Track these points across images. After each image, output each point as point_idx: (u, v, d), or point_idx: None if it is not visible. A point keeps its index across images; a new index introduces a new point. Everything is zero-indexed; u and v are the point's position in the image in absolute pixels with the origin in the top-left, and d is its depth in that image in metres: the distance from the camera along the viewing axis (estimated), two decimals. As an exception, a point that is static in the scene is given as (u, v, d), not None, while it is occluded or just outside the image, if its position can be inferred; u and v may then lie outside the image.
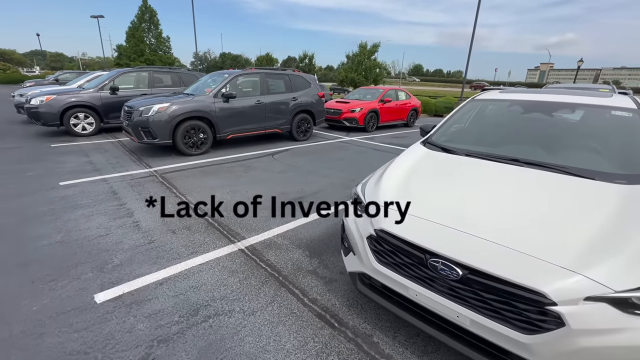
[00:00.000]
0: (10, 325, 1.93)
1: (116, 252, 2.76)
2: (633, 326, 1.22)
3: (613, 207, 1.65)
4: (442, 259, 1.54)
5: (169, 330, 1.94)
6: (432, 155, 2.54)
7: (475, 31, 18.15)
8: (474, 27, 18.16)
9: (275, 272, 2.57)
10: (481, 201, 1.85)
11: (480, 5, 17.78)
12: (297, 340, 1.90)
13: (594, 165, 2.09)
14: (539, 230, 1.55)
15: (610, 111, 2.52)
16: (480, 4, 17.28)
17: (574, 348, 1.26)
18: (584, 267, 1.32)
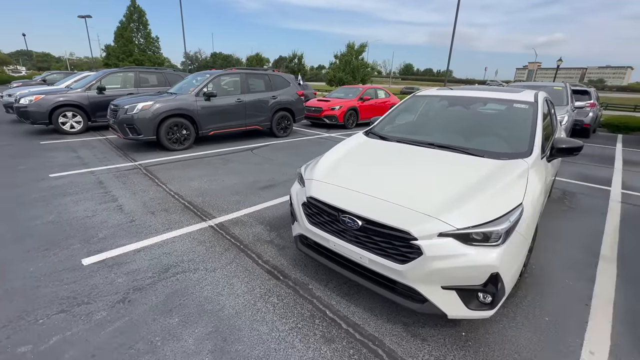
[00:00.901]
0: (11, 281, 2.36)
1: (101, 229, 3.20)
2: (468, 252, 1.73)
3: (482, 175, 2.15)
4: (348, 214, 2.03)
5: (143, 282, 2.39)
6: (368, 141, 3.04)
7: (455, 31, 18.83)
8: (453, 27, 18.85)
9: (238, 242, 3.04)
10: (390, 173, 2.34)
11: (459, 5, 18.48)
12: (246, 287, 2.37)
13: (487, 146, 2.61)
14: (420, 191, 2.05)
15: (513, 104, 3.05)
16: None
17: (429, 270, 1.76)
18: (439, 213, 1.82)
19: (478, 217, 1.80)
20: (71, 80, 10.03)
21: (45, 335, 1.88)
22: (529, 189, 2.05)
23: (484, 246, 1.74)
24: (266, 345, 1.87)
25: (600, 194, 4.76)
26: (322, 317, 2.11)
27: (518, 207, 1.88)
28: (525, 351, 1.89)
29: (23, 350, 1.77)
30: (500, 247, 1.74)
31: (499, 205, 1.87)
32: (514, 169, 2.22)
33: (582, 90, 10.73)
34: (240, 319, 2.06)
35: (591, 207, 4.19)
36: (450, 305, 1.82)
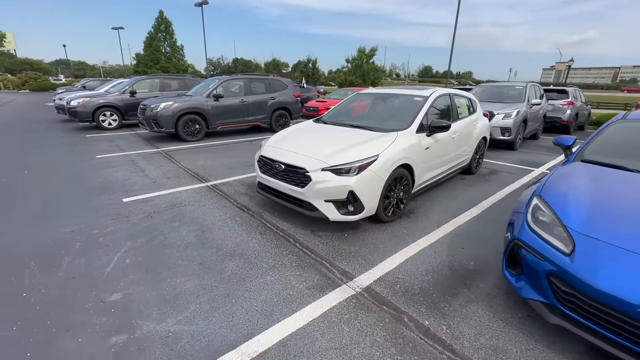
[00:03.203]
0: (80, 208, 3.88)
1: (133, 185, 4.71)
2: (337, 178, 3.03)
3: (363, 140, 3.44)
4: (277, 162, 3.39)
5: (159, 209, 3.85)
6: (311, 124, 4.40)
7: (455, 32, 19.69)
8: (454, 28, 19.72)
9: (222, 193, 4.46)
10: (310, 140, 3.69)
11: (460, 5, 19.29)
12: (221, 213, 3.77)
13: (381, 125, 3.88)
14: (320, 148, 3.36)
15: (413, 98, 4.30)
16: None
17: (315, 189, 3.08)
18: (324, 158, 3.14)
19: (345, 159, 3.11)
20: (109, 85, 11.97)
21: (105, 225, 3.36)
22: (390, 148, 3.32)
23: (346, 175, 3.05)
24: (224, 234, 3.25)
25: (521, 173, 5.84)
26: (264, 226, 3.47)
27: (373, 156, 3.17)
28: (380, 243, 3.15)
29: (95, 233, 3.25)
30: (355, 176, 3.04)
31: (360, 154, 3.17)
32: (386, 137, 3.50)
33: (560, 90, 11.52)
34: (214, 225, 3.46)
35: (502, 180, 5.31)
36: (330, 212, 3.13)
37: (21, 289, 2.36)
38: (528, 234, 2.09)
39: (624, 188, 2.30)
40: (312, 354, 1.85)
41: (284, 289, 2.42)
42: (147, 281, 2.48)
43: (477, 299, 2.37)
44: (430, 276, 2.63)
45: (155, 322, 2.07)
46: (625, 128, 3.00)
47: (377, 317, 2.16)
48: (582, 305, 1.75)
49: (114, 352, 1.83)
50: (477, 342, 1.96)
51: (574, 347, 1.93)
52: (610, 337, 1.66)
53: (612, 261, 1.69)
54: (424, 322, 2.12)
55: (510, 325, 2.11)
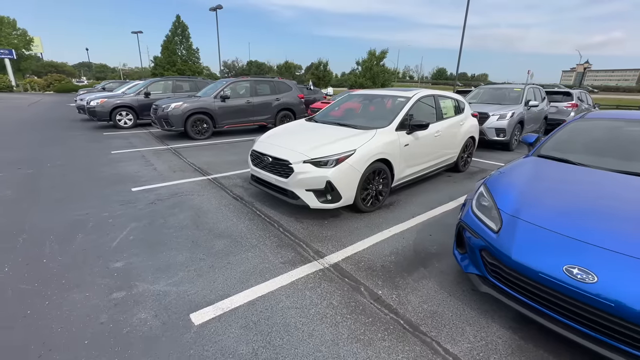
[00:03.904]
0: (94, 195, 4.37)
1: (142, 177, 5.19)
2: (316, 170, 3.38)
3: (345, 136, 3.78)
4: (266, 156, 3.77)
5: (163, 197, 4.29)
6: (303, 122, 4.77)
7: (464, 33, 19.71)
8: (463, 29, 19.75)
9: (221, 185, 4.88)
10: (298, 136, 4.05)
11: (469, 6, 19.30)
12: (217, 202, 4.18)
13: (365, 123, 4.21)
14: (305, 143, 3.72)
15: (397, 98, 4.60)
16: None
17: (297, 180, 3.44)
18: (306, 152, 3.50)
19: (324, 153, 3.45)
20: (125, 87, 12.69)
21: (115, 209, 3.82)
22: (367, 144, 3.65)
23: (324, 167, 3.40)
24: (217, 219, 3.65)
25: (509, 171, 6.02)
26: (253, 213, 3.85)
27: (350, 151, 3.50)
28: (356, 229, 3.48)
29: (105, 215, 3.70)
30: (332, 168, 3.38)
31: (339, 149, 3.51)
32: (366, 134, 3.83)
33: (564, 92, 11.52)
34: (209, 211, 3.87)
35: (488, 178, 5.52)
36: (310, 200, 3.48)
37: (42, 257, 2.81)
38: (470, 216, 2.39)
39: (559, 178, 2.56)
40: (275, 311, 2.21)
41: (261, 263, 2.79)
42: (145, 254, 2.90)
43: (430, 275, 2.67)
44: (393, 257, 2.95)
45: (149, 283, 2.47)
46: (581, 126, 3.23)
47: (337, 286, 2.50)
48: (503, 275, 2.04)
49: (114, 303, 2.24)
50: (419, 308, 2.28)
51: (502, 314, 2.22)
52: (524, 301, 1.95)
53: (525, 236, 1.98)
54: (378, 291, 2.45)
55: (452, 296, 2.41)
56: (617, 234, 1.80)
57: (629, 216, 1.97)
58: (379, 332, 2.04)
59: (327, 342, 1.95)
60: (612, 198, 2.22)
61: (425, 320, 2.16)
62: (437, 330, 2.07)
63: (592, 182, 2.44)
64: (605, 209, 2.08)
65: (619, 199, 2.19)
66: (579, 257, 1.74)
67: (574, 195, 2.30)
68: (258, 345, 1.91)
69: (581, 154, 2.84)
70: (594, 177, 2.50)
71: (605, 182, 2.41)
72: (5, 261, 2.72)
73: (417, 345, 1.95)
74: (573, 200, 2.23)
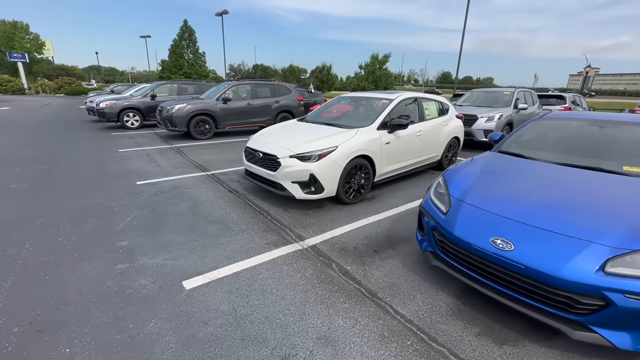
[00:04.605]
0: (101, 188, 4.79)
1: (146, 173, 5.62)
2: (301, 164, 3.76)
3: (329, 134, 4.15)
4: (258, 151, 4.16)
5: (165, 190, 4.70)
6: (295, 122, 5.16)
7: (464, 36, 20.02)
8: (462, 32, 20.06)
9: (218, 180, 5.28)
10: (289, 135, 4.43)
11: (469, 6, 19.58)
12: (214, 194, 4.57)
13: (350, 123, 4.58)
14: (292, 140, 4.09)
15: (381, 100, 4.97)
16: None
17: (284, 172, 3.81)
18: (292, 147, 3.87)
19: (308, 149, 3.83)
20: (133, 90, 13.23)
21: (121, 199, 4.23)
22: (348, 141, 4.01)
23: (308, 162, 3.77)
24: (212, 208, 4.03)
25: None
26: (245, 204, 4.23)
27: (333, 147, 3.87)
28: (337, 218, 3.83)
29: (112, 204, 4.11)
30: (315, 163, 3.75)
31: (322, 145, 3.88)
32: (348, 132, 4.20)
33: (557, 96, 11.78)
34: (206, 202, 4.26)
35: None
36: (296, 191, 3.85)
37: (58, 236, 3.22)
38: (428, 202, 2.74)
39: (507, 169, 2.90)
40: (255, 280, 2.57)
41: (248, 244, 3.16)
42: (147, 235, 3.29)
43: (395, 255, 3.02)
44: (366, 240, 3.30)
45: (149, 258, 2.85)
46: (539, 125, 3.56)
47: (312, 262, 2.86)
48: (448, 249, 2.38)
49: (119, 272, 2.63)
50: (380, 280, 2.62)
51: (451, 285, 2.56)
52: (464, 270, 2.29)
53: (466, 216, 2.32)
54: (347, 267, 2.80)
55: (412, 272, 2.75)
56: (536, 212, 2.14)
57: (551, 198, 2.31)
58: (342, 297, 2.40)
59: (295, 303, 2.31)
60: (544, 184, 2.55)
61: (383, 289, 2.51)
62: (392, 296, 2.42)
63: (532, 172, 2.77)
64: (535, 193, 2.42)
65: (549, 185, 2.52)
66: (503, 230, 2.08)
67: (513, 182, 2.64)
68: (237, 305, 2.28)
69: (532, 149, 3.17)
70: (536, 168, 2.83)
71: (543, 172, 2.74)
72: (26, 240, 3.13)
73: (372, 307, 2.30)
74: (511, 186, 2.57)
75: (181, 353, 1.86)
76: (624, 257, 1.73)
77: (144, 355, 1.84)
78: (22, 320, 2.08)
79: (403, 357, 1.87)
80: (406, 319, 2.18)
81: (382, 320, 2.16)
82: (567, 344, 1.98)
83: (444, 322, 2.17)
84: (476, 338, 2.03)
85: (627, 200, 2.15)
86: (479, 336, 2.04)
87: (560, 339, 2.01)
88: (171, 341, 1.94)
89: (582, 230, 1.91)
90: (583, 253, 1.79)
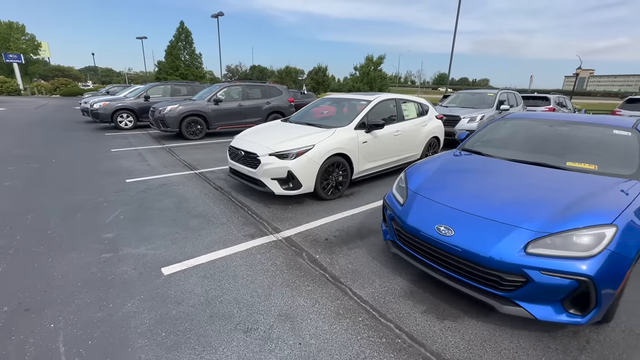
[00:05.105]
0: (92, 185, 4.99)
1: (136, 171, 5.82)
2: (279, 161, 3.98)
3: (308, 133, 4.38)
4: (240, 150, 4.39)
5: (153, 187, 4.91)
6: (279, 122, 5.40)
7: (455, 38, 20.34)
8: (454, 34, 20.38)
9: (205, 177, 5.49)
10: (270, 134, 4.65)
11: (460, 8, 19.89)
12: (199, 190, 4.79)
13: (330, 123, 4.82)
14: (273, 139, 4.32)
15: (360, 102, 5.21)
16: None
17: (264, 170, 4.04)
18: (271, 146, 4.10)
19: (286, 147, 4.06)
20: (127, 91, 13.41)
21: (109, 196, 4.44)
22: (325, 140, 4.24)
23: (286, 159, 4.00)
24: (196, 204, 4.25)
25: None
26: (229, 200, 4.45)
27: (310, 146, 4.10)
28: (314, 213, 4.05)
29: (101, 200, 4.32)
30: (293, 160, 3.98)
31: (299, 144, 4.10)
32: (326, 132, 4.43)
33: (541, 97, 12.10)
34: (191, 198, 4.48)
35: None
36: (275, 187, 4.08)
37: (47, 229, 3.43)
38: (389, 195, 2.98)
39: (463, 165, 3.14)
40: (229, 267, 2.80)
41: (226, 236, 3.38)
42: (131, 228, 3.50)
43: (362, 246, 3.25)
44: (338, 232, 3.53)
45: (132, 248, 3.07)
46: (500, 125, 3.80)
47: (284, 252, 3.09)
48: (403, 237, 2.61)
49: (103, 260, 2.84)
50: (345, 267, 2.85)
51: (408, 272, 2.79)
52: (416, 255, 2.52)
53: (418, 206, 2.55)
54: (316, 256, 3.03)
55: (375, 260, 2.99)
56: (477, 202, 2.38)
57: (495, 190, 2.55)
58: (307, 281, 2.62)
59: (263, 286, 2.54)
60: (492, 179, 2.79)
61: (346, 274, 2.73)
62: (353, 280, 2.65)
63: (484, 168, 3.01)
64: (482, 186, 2.66)
65: (496, 179, 2.76)
66: (447, 218, 2.32)
67: (464, 177, 2.89)
68: (210, 287, 2.50)
69: (490, 147, 3.42)
70: (489, 164, 3.07)
71: (494, 167, 2.98)
72: (17, 232, 3.34)
73: (333, 289, 2.53)
74: (461, 180, 2.82)
75: (154, 327, 2.08)
76: (544, 239, 1.97)
77: (121, 330, 2.05)
78: (11, 301, 2.29)
79: (353, 330, 2.10)
80: (362, 300, 2.41)
81: (339, 301, 2.39)
82: (500, 319, 2.22)
83: (396, 302, 2.40)
84: (422, 315, 2.26)
85: (559, 192, 2.39)
86: (425, 313, 2.28)
87: (495, 315, 2.25)
88: (146, 318, 2.16)
89: (512, 217, 2.15)
90: (509, 236, 2.03)
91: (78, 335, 2.00)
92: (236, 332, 2.06)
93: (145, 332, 2.04)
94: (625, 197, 2.19)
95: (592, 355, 1.95)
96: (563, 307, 1.95)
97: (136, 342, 1.96)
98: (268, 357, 1.88)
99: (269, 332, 2.07)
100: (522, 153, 3.17)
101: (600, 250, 1.86)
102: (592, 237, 1.91)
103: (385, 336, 2.06)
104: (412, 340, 2.03)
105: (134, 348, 1.91)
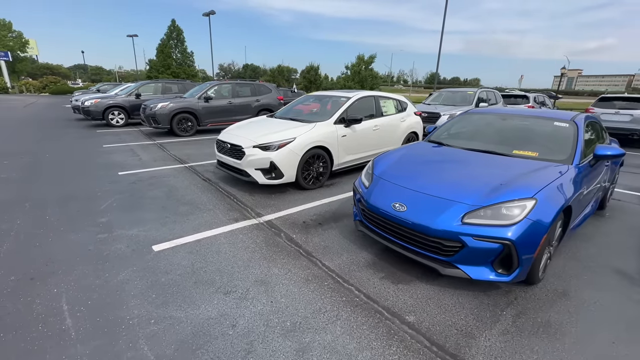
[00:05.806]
0: (87, 178, 5.25)
1: (128, 165, 6.08)
2: (262, 153, 4.31)
3: (290, 127, 4.71)
4: (226, 143, 4.70)
5: (143, 179, 5.19)
6: (265, 118, 5.72)
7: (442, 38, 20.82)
8: (441, 34, 20.85)
9: (195, 171, 5.78)
10: (256, 128, 4.97)
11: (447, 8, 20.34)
12: (189, 181, 5.09)
13: (312, 118, 5.16)
14: (257, 132, 4.64)
15: (340, 98, 5.55)
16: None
17: (248, 160, 4.36)
18: (255, 139, 4.42)
19: (269, 140, 4.38)
20: (118, 89, 13.56)
21: (104, 186, 4.71)
22: (306, 134, 4.58)
23: (268, 151, 4.32)
24: (185, 193, 4.55)
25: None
26: (216, 190, 4.76)
27: (291, 138, 4.43)
28: (295, 201, 4.39)
29: (95, 190, 4.59)
30: (275, 152, 4.31)
31: (281, 137, 4.43)
32: (306, 126, 4.76)
33: (521, 95, 12.61)
34: (180, 188, 4.77)
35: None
36: (258, 177, 4.40)
37: (45, 215, 3.70)
38: (358, 180, 3.33)
39: (424, 153, 3.51)
40: (214, 244, 3.12)
41: (212, 219, 3.70)
42: (124, 214, 3.80)
43: (336, 227, 3.60)
44: (315, 217, 3.87)
45: (125, 230, 3.37)
46: (464, 119, 4.19)
47: (264, 233, 3.42)
48: (367, 215, 2.97)
49: (99, 240, 3.14)
50: (318, 244, 3.20)
51: (374, 247, 3.15)
52: (377, 230, 2.87)
53: (380, 188, 2.91)
54: (293, 235, 3.37)
55: (345, 238, 3.34)
56: (429, 183, 2.74)
57: (446, 173, 2.92)
58: (282, 255, 2.96)
59: (244, 259, 2.87)
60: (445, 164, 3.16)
61: (317, 250, 3.08)
62: (323, 254, 2.99)
63: (441, 155, 3.39)
64: (436, 170, 3.03)
65: (449, 165, 3.14)
66: (402, 197, 2.67)
67: (422, 163, 3.26)
68: (195, 260, 2.82)
69: (452, 138, 3.80)
70: (446, 152, 3.44)
71: (450, 155, 3.35)
72: (17, 217, 3.61)
73: (304, 261, 2.87)
74: (419, 165, 3.18)
75: (146, 291, 2.39)
76: (477, 211, 2.34)
77: (116, 293, 2.37)
78: (17, 272, 2.58)
79: (319, 292, 2.45)
80: (329, 269, 2.76)
81: (309, 270, 2.74)
82: (446, 282, 2.59)
83: (359, 270, 2.75)
84: (380, 280, 2.62)
85: (499, 174, 2.76)
86: (383, 279, 2.63)
87: (441, 279, 2.62)
88: (138, 284, 2.48)
89: (455, 194, 2.51)
90: (450, 210, 2.40)
91: (78, 297, 2.30)
92: (217, 294, 2.39)
93: (137, 294, 2.35)
94: (549, 176, 2.58)
95: (516, 308, 2.33)
96: (493, 267, 2.32)
97: (130, 302, 2.27)
98: (244, 312, 2.21)
99: (245, 293, 2.40)
100: (477, 143, 3.55)
101: (521, 219, 2.24)
102: (515, 209, 2.29)
103: (346, 296, 2.41)
104: (368, 299, 2.38)
105: (128, 306, 2.23)
